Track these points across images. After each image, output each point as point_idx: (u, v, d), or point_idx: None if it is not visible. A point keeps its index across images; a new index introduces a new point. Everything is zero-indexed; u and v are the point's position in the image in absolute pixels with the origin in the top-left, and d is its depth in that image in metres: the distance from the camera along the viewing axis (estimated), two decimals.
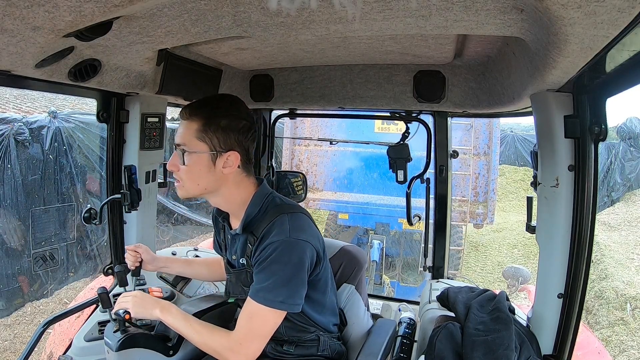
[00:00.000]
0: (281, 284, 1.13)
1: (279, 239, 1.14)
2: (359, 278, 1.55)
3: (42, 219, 5.15)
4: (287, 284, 1.14)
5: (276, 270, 1.13)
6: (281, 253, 1.13)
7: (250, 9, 0.93)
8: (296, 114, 2.14)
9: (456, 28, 0.97)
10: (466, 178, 6.39)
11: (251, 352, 1.15)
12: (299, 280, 1.16)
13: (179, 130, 1.19)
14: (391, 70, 1.72)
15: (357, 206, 6.50)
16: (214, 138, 1.15)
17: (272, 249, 1.14)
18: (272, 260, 1.13)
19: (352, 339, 1.43)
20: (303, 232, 1.18)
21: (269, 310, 1.14)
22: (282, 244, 1.13)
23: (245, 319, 1.16)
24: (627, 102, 3.82)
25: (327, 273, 1.32)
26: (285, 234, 1.15)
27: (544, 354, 1.28)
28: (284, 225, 1.16)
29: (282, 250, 1.13)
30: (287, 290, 1.14)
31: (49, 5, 0.67)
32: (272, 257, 1.13)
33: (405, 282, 6.19)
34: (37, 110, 5.61)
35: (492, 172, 6.60)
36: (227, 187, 1.22)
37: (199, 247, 2.17)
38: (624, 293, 5.52)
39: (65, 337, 1.93)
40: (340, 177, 6.77)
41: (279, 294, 1.13)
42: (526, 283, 4.99)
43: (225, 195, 1.23)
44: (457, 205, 6.43)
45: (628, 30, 0.69)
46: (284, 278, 1.13)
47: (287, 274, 1.14)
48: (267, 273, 1.14)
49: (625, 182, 11.11)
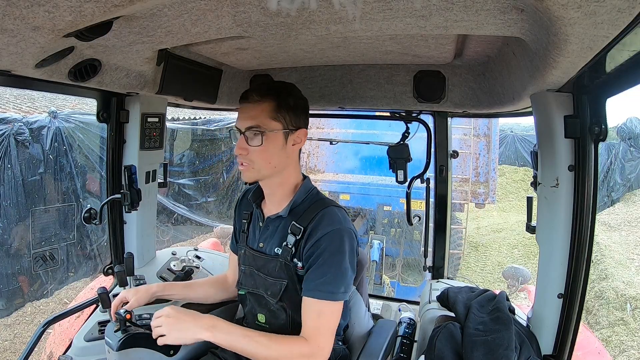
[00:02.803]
0: (341, 274, 1.15)
1: (333, 228, 1.17)
2: (359, 278, 1.55)
3: (42, 219, 5.15)
4: (346, 273, 1.16)
5: (334, 262, 1.15)
6: (336, 243, 1.16)
7: (250, 9, 0.93)
8: None
9: (456, 28, 0.97)
10: (467, 158, 6.45)
11: (327, 350, 1.15)
12: (352, 268, 1.19)
13: (247, 114, 1.20)
14: (391, 70, 1.72)
15: (359, 187, 6.55)
16: (286, 116, 1.20)
17: (328, 240, 1.16)
18: (329, 252, 1.15)
19: (352, 339, 1.43)
20: (350, 223, 1.22)
21: (335, 303, 1.15)
22: (336, 233, 1.16)
23: (313, 319, 1.16)
24: (627, 102, 3.82)
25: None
26: (338, 223, 1.18)
27: (544, 354, 1.28)
28: (335, 216, 1.20)
29: (338, 240, 1.16)
30: (346, 279, 1.17)
31: (49, 5, 0.67)
32: (329, 249, 1.15)
33: (405, 282, 6.20)
34: (37, 110, 5.60)
35: (492, 152, 6.68)
36: (291, 167, 1.27)
37: (199, 247, 2.16)
38: (624, 293, 5.52)
39: (65, 337, 1.93)
40: (341, 159, 6.83)
41: (340, 284, 1.15)
42: (526, 283, 4.99)
43: (285, 176, 1.27)
44: (459, 185, 6.53)
45: (628, 30, 0.69)
46: (343, 268, 1.16)
47: (344, 264, 1.16)
48: (325, 266, 1.15)
49: (625, 182, 11.12)
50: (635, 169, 11.20)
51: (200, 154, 8.29)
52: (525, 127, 13.90)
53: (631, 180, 11.20)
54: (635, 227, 8.40)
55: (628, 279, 5.88)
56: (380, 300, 2.44)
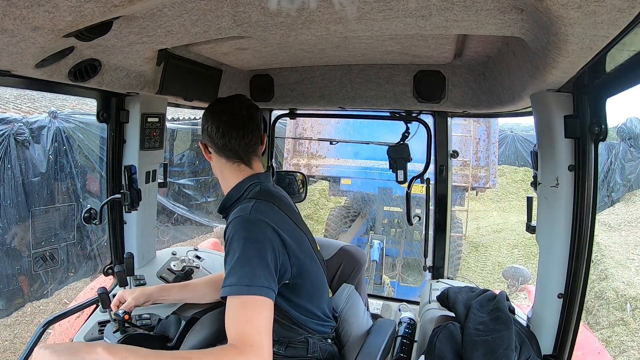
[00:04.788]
0: (243, 263, 1.04)
1: (235, 216, 1.13)
2: (358, 278, 1.55)
3: (42, 219, 5.15)
4: (248, 262, 1.04)
5: (234, 250, 1.07)
6: (233, 231, 1.10)
7: (250, 9, 0.93)
8: (296, 114, 2.14)
9: (456, 28, 0.97)
10: (467, 141, 6.47)
11: (265, 349, 0.98)
12: (259, 256, 1.07)
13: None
14: (391, 70, 1.72)
15: (360, 171, 6.56)
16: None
17: (229, 231, 1.12)
18: (228, 244, 1.10)
19: (351, 338, 1.43)
20: (266, 214, 1.15)
21: (247, 297, 1.01)
22: (236, 222, 1.12)
23: (231, 318, 1.02)
24: (627, 102, 3.82)
25: (313, 279, 1.26)
26: (241, 211, 1.14)
27: (544, 354, 1.28)
28: (243, 208, 1.16)
29: (234, 228, 1.10)
30: (249, 270, 1.03)
31: (49, 5, 0.67)
32: (229, 240, 1.11)
33: (405, 282, 6.20)
34: (37, 110, 5.62)
35: (492, 135, 6.71)
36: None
37: (199, 247, 2.16)
38: (624, 293, 5.52)
39: (65, 337, 1.93)
40: (342, 144, 6.85)
41: (243, 275, 1.03)
42: (526, 283, 4.99)
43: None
44: (460, 169, 6.55)
45: (628, 30, 0.69)
46: (244, 257, 1.05)
47: (242, 252, 1.06)
48: (227, 261, 1.08)
49: (625, 182, 11.13)
50: (635, 169, 11.21)
51: (200, 154, 8.27)
52: (525, 127, 13.91)
53: (631, 180, 11.21)
54: (635, 227, 8.40)
55: (628, 279, 5.88)
56: (380, 300, 2.44)
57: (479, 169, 6.77)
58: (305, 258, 1.23)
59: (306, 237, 1.29)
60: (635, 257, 6.87)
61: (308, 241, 1.29)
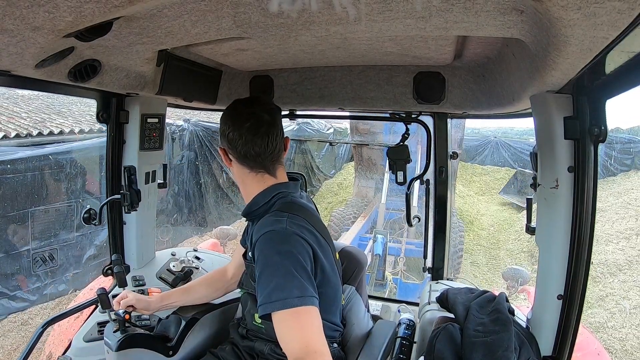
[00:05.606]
0: (289, 277, 1.06)
1: (264, 231, 1.13)
2: (359, 279, 1.55)
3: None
4: (294, 276, 1.07)
5: (275, 264, 1.08)
6: (267, 247, 1.10)
7: (251, 10, 0.93)
8: (296, 115, 2.14)
9: (456, 29, 0.97)
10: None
11: (325, 351, 1.01)
12: (298, 267, 1.09)
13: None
14: (391, 71, 1.72)
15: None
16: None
17: (261, 245, 1.12)
18: (263, 258, 1.10)
19: (352, 340, 1.43)
20: (300, 228, 1.15)
21: (286, 312, 1.03)
22: (275, 235, 1.11)
23: (286, 333, 1.04)
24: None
25: (332, 286, 1.26)
26: (270, 225, 1.14)
27: (544, 355, 1.28)
28: (269, 220, 1.16)
29: (276, 241, 1.11)
30: (298, 282, 1.06)
31: (49, 6, 0.67)
32: (262, 255, 1.10)
33: (407, 280, 6.18)
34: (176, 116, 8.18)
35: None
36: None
37: (198, 248, 2.16)
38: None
39: (64, 338, 1.93)
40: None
41: (293, 288, 1.05)
42: (525, 284, 4.99)
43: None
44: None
45: (628, 31, 0.69)
46: (288, 271, 1.07)
47: (284, 267, 1.07)
48: (266, 270, 1.09)
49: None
50: None
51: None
52: (518, 132, 16.20)
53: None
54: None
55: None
56: (379, 302, 2.44)
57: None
58: (328, 267, 1.23)
59: (329, 247, 1.28)
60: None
61: (330, 250, 1.28)
